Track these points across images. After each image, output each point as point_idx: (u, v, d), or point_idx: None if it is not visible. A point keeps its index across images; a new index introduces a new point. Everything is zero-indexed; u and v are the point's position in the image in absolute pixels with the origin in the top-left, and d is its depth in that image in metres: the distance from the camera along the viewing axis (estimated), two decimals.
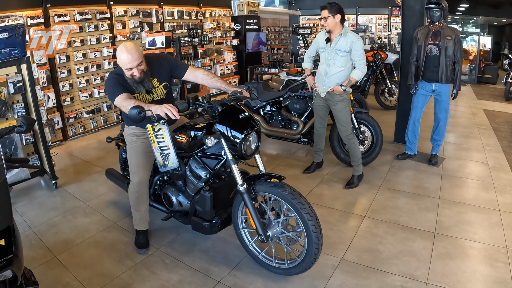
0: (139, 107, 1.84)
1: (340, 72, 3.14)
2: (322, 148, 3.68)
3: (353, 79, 3.12)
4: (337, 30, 3.09)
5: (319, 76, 3.29)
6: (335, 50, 3.11)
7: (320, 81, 3.28)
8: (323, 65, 3.24)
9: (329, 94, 3.25)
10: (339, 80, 3.17)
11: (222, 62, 7.66)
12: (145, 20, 5.92)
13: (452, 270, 2.23)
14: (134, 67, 2.15)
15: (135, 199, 2.44)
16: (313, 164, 3.76)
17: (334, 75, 3.16)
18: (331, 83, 3.19)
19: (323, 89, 3.27)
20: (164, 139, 2.12)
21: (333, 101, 3.26)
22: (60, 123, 4.76)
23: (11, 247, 1.22)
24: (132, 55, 2.11)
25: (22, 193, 3.35)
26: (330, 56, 3.15)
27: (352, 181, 3.43)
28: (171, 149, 2.12)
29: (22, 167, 1.73)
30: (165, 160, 2.17)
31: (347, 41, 3.06)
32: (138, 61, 2.14)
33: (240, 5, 8.03)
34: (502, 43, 15.96)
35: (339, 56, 3.10)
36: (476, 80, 10.18)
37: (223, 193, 2.29)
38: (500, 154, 4.26)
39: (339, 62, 3.12)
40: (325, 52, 3.20)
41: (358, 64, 3.10)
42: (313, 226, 1.94)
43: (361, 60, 3.08)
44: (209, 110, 2.14)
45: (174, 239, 2.62)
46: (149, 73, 2.26)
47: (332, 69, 3.16)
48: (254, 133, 2.11)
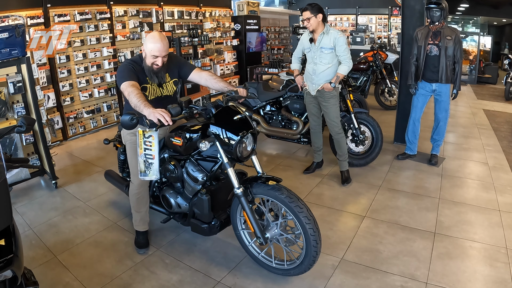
0: (131, 114, 1.82)
1: (327, 69, 3.23)
2: (321, 147, 3.70)
3: (340, 75, 3.21)
4: (320, 29, 3.19)
5: (308, 75, 3.38)
6: (320, 48, 3.21)
7: (309, 80, 3.37)
8: (310, 64, 3.33)
9: (319, 92, 3.33)
10: (328, 77, 3.26)
11: (222, 62, 7.66)
12: (145, 20, 5.92)
13: (452, 270, 2.23)
14: (161, 56, 2.21)
15: (136, 201, 2.44)
16: (313, 164, 3.77)
17: (322, 73, 3.25)
18: (320, 81, 3.28)
19: (313, 87, 3.36)
20: (152, 147, 2.11)
21: (323, 98, 3.33)
22: (60, 123, 4.76)
23: (11, 247, 1.22)
24: (164, 45, 2.20)
25: (22, 193, 3.35)
26: (316, 55, 3.25)
27: (346, 177, 3.48)
28: (155, 160, 2.11)
29: (22, 167, 1.73)
30: (147, 169, 2.16)
31: (330, 38, 3.16)
32: (166, 52, 2.23)
33: (240, 5, 8.03)
34: (502, 43, 15.95)
35: (325, 53, 3.20)
36: (476, 80, 10.18)
37: (221, 195, 2.28)
38: (500, 154, 4.26)
39: (325, 59, 3.22)
40: (310, 51, 3.30)
41: (343, 59, 3.19)
42: (311, 229, 1.93)
43: (346, 55, 3.17)
44: (203, 112, 2.13)
45: (174, 239, 2.62)
46: (165, 67, 2.32)
47: (320, 67, 3.25)
48: (250, 135, 2.08)
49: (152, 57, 2.22)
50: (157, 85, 2.36)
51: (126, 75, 2.18)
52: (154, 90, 2.35)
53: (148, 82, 2.32)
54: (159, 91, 2.38)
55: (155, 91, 2.36)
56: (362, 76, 6.24)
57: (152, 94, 2.35)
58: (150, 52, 2.21)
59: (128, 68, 2.23)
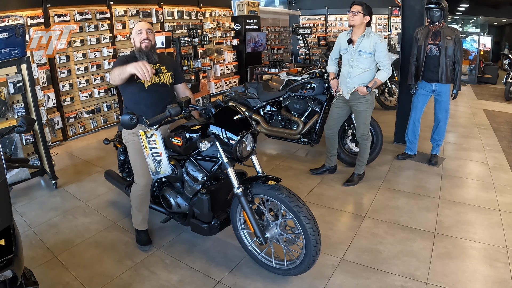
0: (131, 114, 1.84)
1: (363, 73, 3.09)
2: (335, 153, 3.59)
3: (378, 81, 3.08)
4: (361, 30, 3.05)
5: (342, 78, 3.23)
6: (358, 51, 3.06)
7: (344, 83, 3.22)
8: (345, 67, 3.18)
9: (353, 95, 3.19)
10: (363, 81, 3.11)
11: (222, 62, 7.66)
12: (145, 20, 5.92)
13: (452, 270, 2.23)
14: (144, 29, 2.39)
15: (139, 201, 2.44)
16: (324, 167, 3.67)
17: (357, 76, 3.11)
18: (354, 84, 3.13)
19: (346, 90, 3.20)
20: (157, 145, 2.12)
21: (356, 102, 3.19)
22: (60, 123, 4.77)
23: (11, 247, 1.22)
24: (145, 22, 2.48)
25: (22, 193, 3.35)
26: (353, 58, 3.10)
27: (352, 179, 3.43)
28: (163, 156, 2.12)
29: (22, 167, 1.73)
30: (157, 167, 2.17)
31: (371, 42, 3.01)
32: (148, 27, 2.43)
33: (240, 5, 8.03)
34: (502, 43, 15.96)
35: (362, 57, 3.05)
36: (476, 80, 10.17)
37: (221, 195, 2.28)
38: (500, 154, 4.26)
39: (362, 63, 3.07)
40: (347, 53, 3.15)
41: (383, 65, 3.05)
42: (311, 229, 1.93)
43: (386, 61, 3.04)
44: (203, 112, 2.13)
45: (174, 239, 2.62)
46: (155, 50, 2.46)
47: (355, 70, 3.10)
48: (250, 135, 2.08)
49: (138, 33, 2.40)
50: (154, 74, 2.41)
51: (117, 64, 2.32)
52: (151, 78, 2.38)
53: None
54: (156, 78, 2.43)
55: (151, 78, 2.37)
56: None
57: (147, 82, 2.37)
58: (135, 33, 2.42)
59: (121, 60, 2.41)
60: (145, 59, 2.37)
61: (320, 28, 12.47)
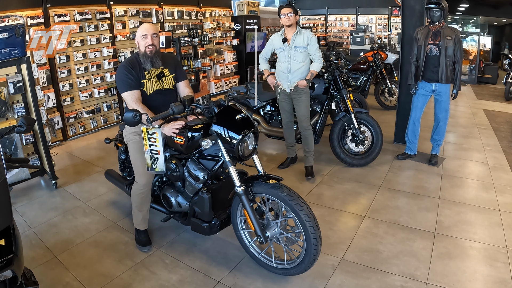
0: (134, 111, 1.87)
1: (302, 67, 3.38)
2: (294, 143, 3.83)
3: (314, 72, 3.39)
4: (294, 28, 3.34)
5: (282, 74, 3.47)
6: (294, 47, 3.35)
7: (284, 79, 3.46)
8: (283, 63, 3.43)
9: (294, 88, 3.45)
10: (302, 74, 3.40)
11: (222, 62, 7.66)
12: (145, 20, 5.92)
13: (452, 270, 2.23)
14: (149, 34, 2.33)
15: (139, 200, 2.44)
16: (287, 160, 3.90)
17: (297, 71, 3.38)
18: (295, 78, 3.41)
19: (288, 85, 3.46)
20: (156, 143, 2.14)
21: (298, 94, 3.45)
22: (60, 123, 4.76)
23: (11, 247, 1.22)
24: (150, 25, 2.39)
25: (22, 193, 3.35)
26: (290, 54, 3.37)
27: (309, 172, 3.59)
28: (161, 155, 2.15)
29: (22, 167, 1.73)
30: (154, 163, 2.21)
31: (304, 38, 3.32)
32: (154, 31, 2.37)
33: (240, 5, 8.03)
34: (502, 43, 15.94)
35: (299, 52, 3.35)
36: (476, 80, 10.17)
37: (222, 194, 2.29)
38: (500, 154, 4.26)
39: (299, 58, 3.36)
40: (283, 51, 3.41)
41: (315, 57, 3.38)
42: (311, 227, 1.94)
43: (318, 53, 3.37)
44: (206, 111, 2.13)
45: (174, 239, 2.62)
46: (160, 54, 2.42)
47: (294, 65, 3.37)
48: (252, 134, 2.10)
49: (143, 38, 2.33)
50: (156, 79, 2.40)
51: (127, 85, 2.29)
52: (151, 85, 2.39)
53: (145, 77, 2.37)
54: (159, 84, 2.42)
55: (152, 85, 2.39)
56: (362, 76, 6.23)
57: (150, 89, 2.38)
58: (139, 36, 2.35)
59: (125, 74, 2.30)
60: (149, 64, 2.35)
61: (320, 28, 12.47)
